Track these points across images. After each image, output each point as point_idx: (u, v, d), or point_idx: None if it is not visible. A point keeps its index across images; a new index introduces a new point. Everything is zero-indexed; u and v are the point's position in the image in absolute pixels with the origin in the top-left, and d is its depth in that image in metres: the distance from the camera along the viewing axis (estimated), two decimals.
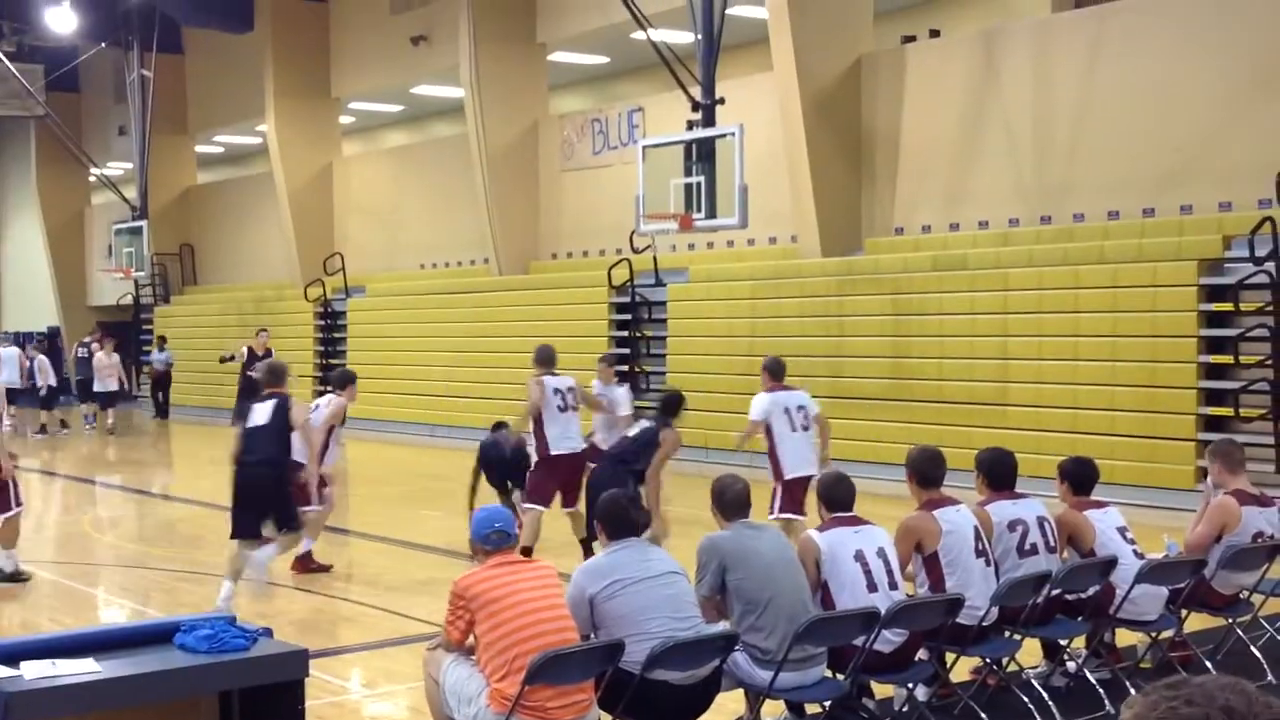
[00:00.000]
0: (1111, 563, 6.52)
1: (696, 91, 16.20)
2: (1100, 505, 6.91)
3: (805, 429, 10.26)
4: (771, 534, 5.98)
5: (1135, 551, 6.69)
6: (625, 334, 18.96)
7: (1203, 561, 6.84)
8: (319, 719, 6.13)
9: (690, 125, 16.07)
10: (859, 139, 17.24)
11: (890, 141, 16.95)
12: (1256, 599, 7.31)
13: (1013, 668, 6.49)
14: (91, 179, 32.86)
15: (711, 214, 15.25)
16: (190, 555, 11.28)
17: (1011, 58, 15.74)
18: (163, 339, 27.85)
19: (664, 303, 18.54)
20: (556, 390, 10.58)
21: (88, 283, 34.01)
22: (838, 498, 6.04)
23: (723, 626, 5.50)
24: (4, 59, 27.45)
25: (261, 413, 9.34)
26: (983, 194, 15.96)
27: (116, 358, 25.00)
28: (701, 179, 15.27)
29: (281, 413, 9.28)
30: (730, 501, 5.82)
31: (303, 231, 26.24)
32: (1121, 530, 6.78)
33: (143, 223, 27.38)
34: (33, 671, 4.56)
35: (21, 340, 33.96)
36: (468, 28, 21.16)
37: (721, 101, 16.05)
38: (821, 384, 16.01)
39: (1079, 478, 6.97)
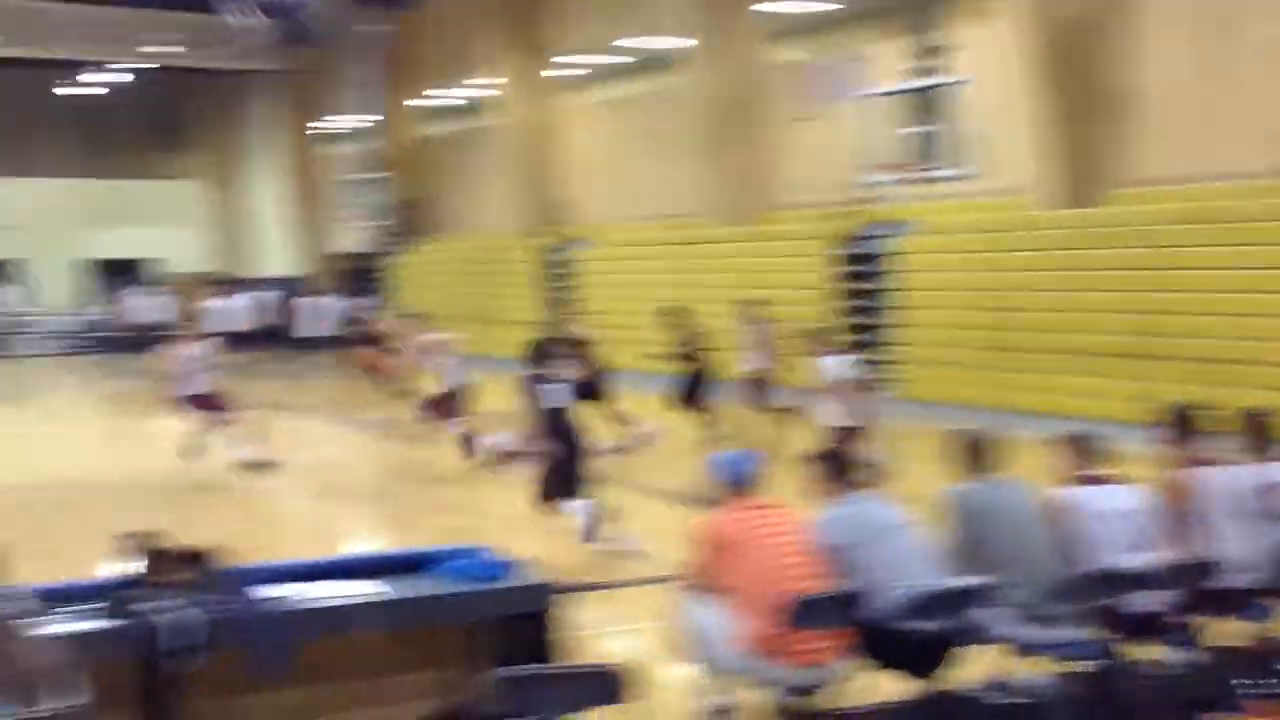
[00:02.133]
0: None
1: (925, 38, 15.81)
2: None
3: None
4: (1016, 488, 5.86)
5: None
6: (851, 286, 18.73)
7: None
8: (573, 653, 6.30)
9: (917, 74, 15.72)
10: (1095, 88, 16.52)
11: (1129, 90, 16.21)
12: None
13: None
14: (331, 132, 34.18)
15: (940, 164, 14.93)
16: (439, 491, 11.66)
17: None
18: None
19: (890, 255, 18.25)
20: None
21: (325, 233, 35.45)
22: (1087, 455, 5.88)
23: (971, 580, 5.43)
24: (248, 16, 28.73)
25: None
26: (1230, 144, 15.14)
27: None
28: (929, 128, 14.95)
29: None
30: (975, 455, 5.73)
31: (528, 182, 26.76)
32: None
33: (380, 174, 28.38)
34: (308, 592, 4.86)
35: (260, 287, 35.75)
36: None
37: (952, 48, 15.62)
38: (1052, 339, 15.57)
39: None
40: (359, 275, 31.70)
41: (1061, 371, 15.41)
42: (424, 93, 32.01)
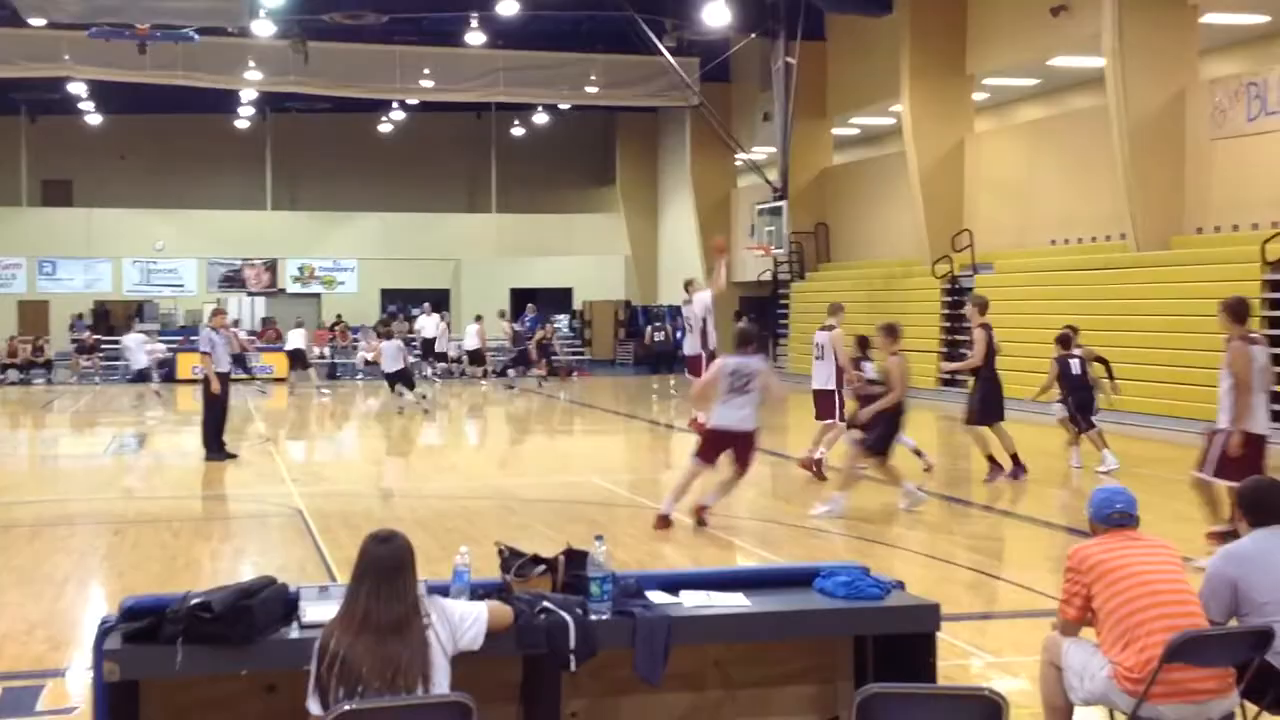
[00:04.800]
0: None
1: None
2: None
3: None
4: None
5: None
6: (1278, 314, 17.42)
7: None
8: (945, 678, 6.26)
9: None
10: None
11: None
12: None
13: None
14: (737, 163, 35.10)
15: None
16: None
17: None
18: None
19: None
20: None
21: (733, 260, 36.38)
22: None
23: None
24: (667, 54, 30.01)
25: None
26: None
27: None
28: None
29: None
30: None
31: (932, 209, 26.46)
32: None
33: (782, 203, 28.89)
34: (691, 600, 5.07)
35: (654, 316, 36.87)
36: None
37: None
38: None
39: None
40: (757, 303, 32.32)
41: None
42: (829, 121, 32.33)
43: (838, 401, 13.60)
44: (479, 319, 30.99)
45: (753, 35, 29.49)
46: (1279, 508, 5.17)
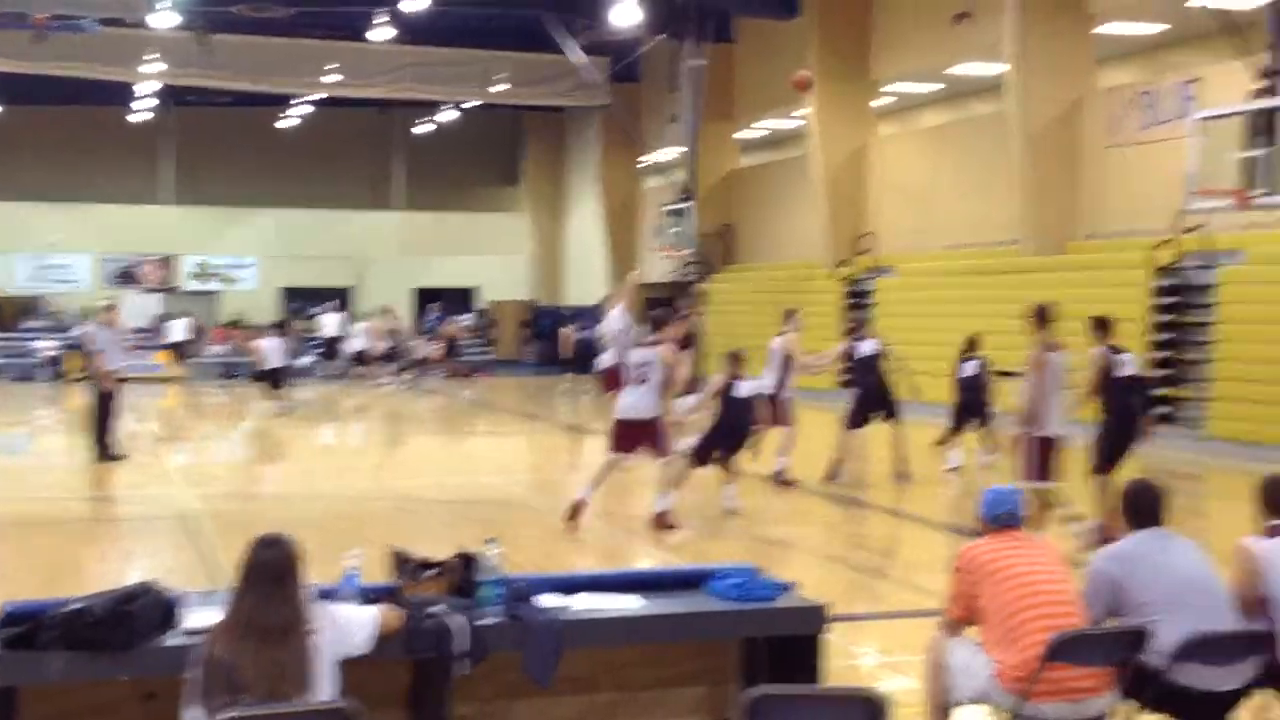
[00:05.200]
0: None
1: (1263, 59, 14.97)
2: None
3: None
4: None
5: None
6: (1167, 319, 17.86)
7: None
8: (836, 678, 6.32)
9: (1254, 95, 14.91)
10: None
11: None
12: None
13: None
14: (645, 164, 35.19)
15: (1275, 190, 14.10)
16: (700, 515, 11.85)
17: None
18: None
19: (1214, 286, 17.31)
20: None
21: (637, 261, 36.46)
22: (1278, 502, 5.35)
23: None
24: (577, 53, 29.99)
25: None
26: None
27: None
28: (1264, 152, 14.15)
29: None
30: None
31: (835, 212, 26.76)
32: None
33: (689, 204, 29.00)
34: (583, 603, 5.07)
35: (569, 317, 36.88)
36: (1014, 2, 20.67)
37: None
38: None
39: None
40: (661, 303, 32.36)
41: None
42: (736, 124, 32.53)
43: (781, 408, 13.60)
44: (370, 316, 30.70)
45: (662, 36, 29.57)
46: (1158, 510, 5.30)
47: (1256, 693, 5.11)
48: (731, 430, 11.64)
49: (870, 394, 14.01)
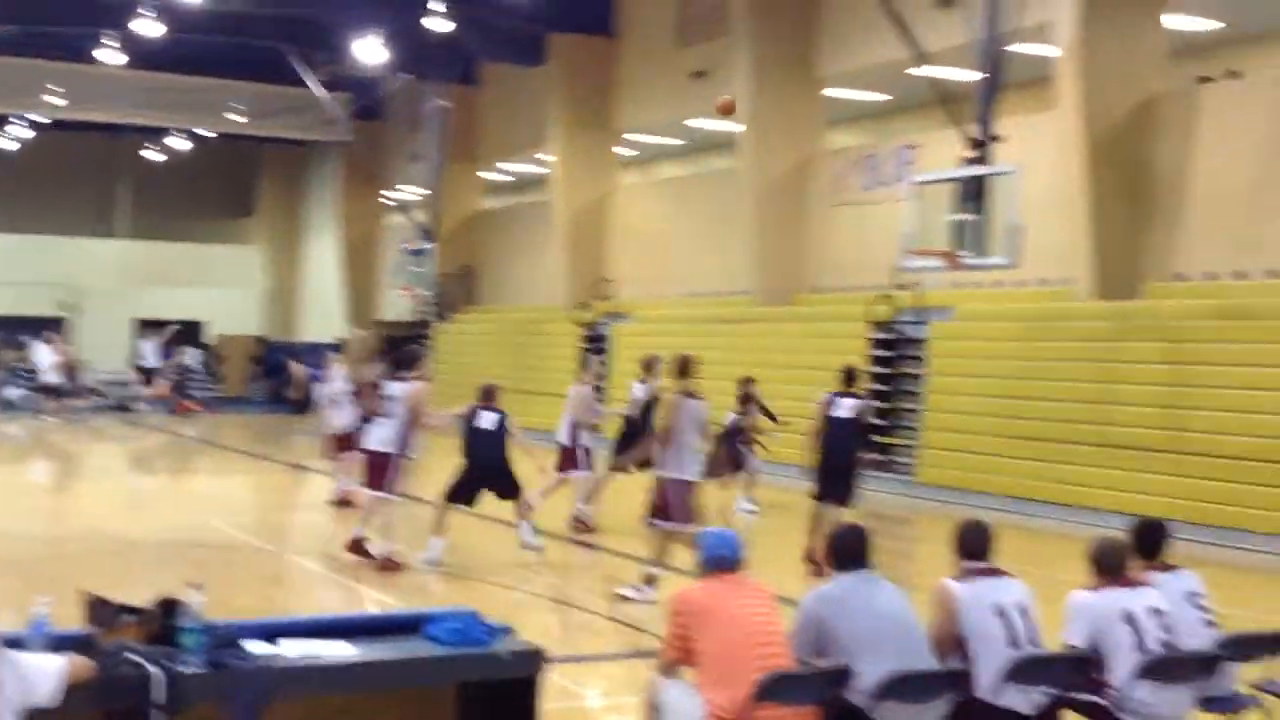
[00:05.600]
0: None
1: (972, 129, 15.96)
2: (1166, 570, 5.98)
3: None
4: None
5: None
6: (885, 370, 18.75)
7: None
8: None
9: (965, 162, 15.86)
10: (1142, 181, 16.61)
11: (1176, 185, 16.26)
12: None
13: None
14: (386, 202, 34.77)
15: (981, 253, 15.00)
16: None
17: None
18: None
19: (926, 340, 18.27)
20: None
21: (375, 299, 35.92)
22: (975, 546, 5.66)
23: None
24: (318, 88, 29.44)
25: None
26: (1273, 242, 15.12)
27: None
28: (973, 217, 15.04)
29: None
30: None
31: (576, 257, 27.07)
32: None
33: (430, 245, 28.80)
34: (292, 650, 4.91)
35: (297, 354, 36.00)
36: (748, 63, 21.43)
37: (998, 139, 15.78)
38: (1088, 431, 15.49)
39: (1145, 544, 6.04)
40: (399, 343, 32.00)
41: (1090, 464, 15.32)
42: (480, 165, 32.54)
43: (578, 455, 13.54)
44: (51, 341, 29.09)
45: (407, 76, 29.35)
46: (862, 553, 5.52)
47: None
48: (478, 463, 11.52)
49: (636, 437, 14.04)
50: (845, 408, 11.60)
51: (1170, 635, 5.56)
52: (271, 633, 5.01)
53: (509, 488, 11.68)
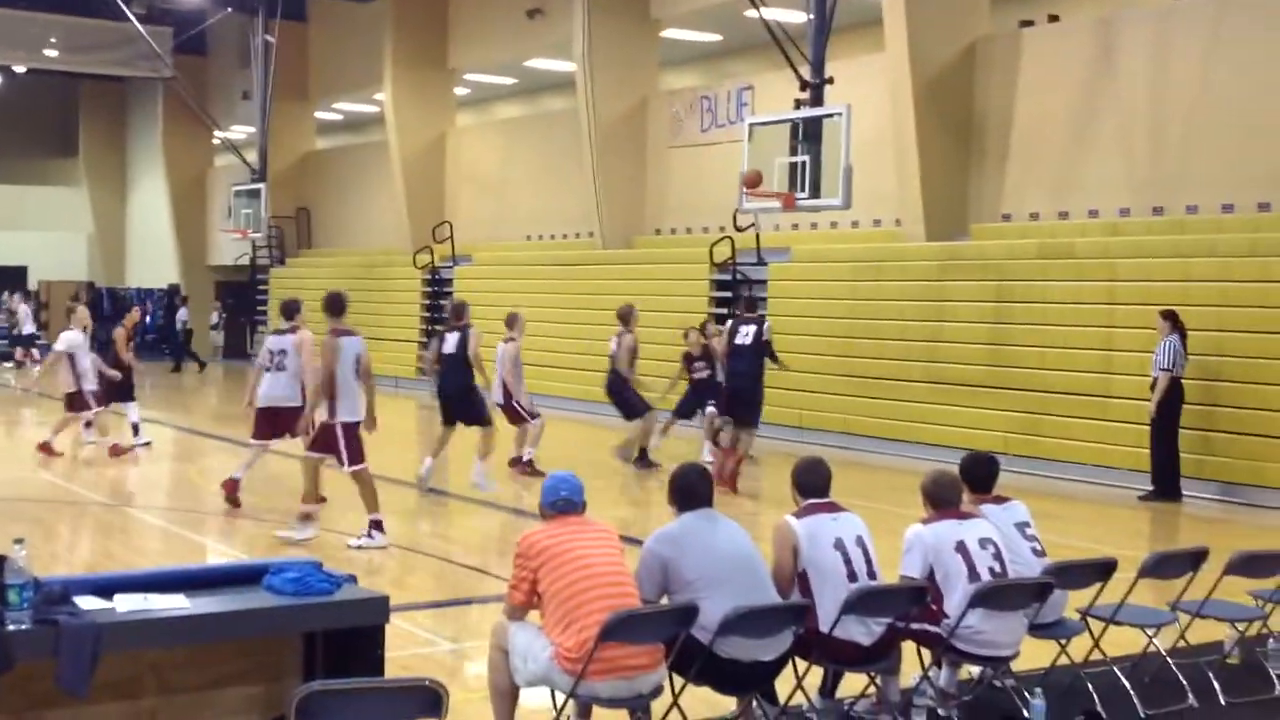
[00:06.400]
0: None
1: (806, 71, 16.15)
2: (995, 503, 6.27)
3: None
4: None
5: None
6: (724, 311, 18.97)
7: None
8: (403, 668, 6.31)
9: (798, 105, 16.05)
10: (968, 123, 17.04)
11: (1001, 127, 16.73)
12: None
13: None
14: (214, 142, 33.70)
15: (815, 194, 15.22)
16: (290, 505, 11.54)
17: (1130, 45, 15.44)
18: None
19: (765, 281, 18.53)
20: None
21: (208, 243, 34.91)
22: (814, 483, 5.84)
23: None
24: (135, 20, 28.24)
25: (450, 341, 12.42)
26: (1094, 183, 15.70)
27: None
28: (807, 159, 15.25)
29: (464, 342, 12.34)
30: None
31: (414, 199, 26.67)
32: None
33: (261, 185, 28.05)
34: (125, 604, 4.78)
35: (142, 297, 35.04)
36: (582, 2, 21.28)
37: (830, 81, 16.01)
38: (919, 369, 15.95)
39: (975, 477, 6.31)
40: (234, 288, 31.28)
41: (922, 400, 15.79)
42: (311, 104, 31.73)
43: (517, 409, 13.55)
44: None
45: (230, 9, 28.37)
46: (703, 493, 5.60)
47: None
48: (439, 387, 12.53)
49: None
50: (746, 334, 12.70)
51: (1001, 564, 5.80)
52: (105, 587, 4.86)
53: (467, 414, 12.15)
